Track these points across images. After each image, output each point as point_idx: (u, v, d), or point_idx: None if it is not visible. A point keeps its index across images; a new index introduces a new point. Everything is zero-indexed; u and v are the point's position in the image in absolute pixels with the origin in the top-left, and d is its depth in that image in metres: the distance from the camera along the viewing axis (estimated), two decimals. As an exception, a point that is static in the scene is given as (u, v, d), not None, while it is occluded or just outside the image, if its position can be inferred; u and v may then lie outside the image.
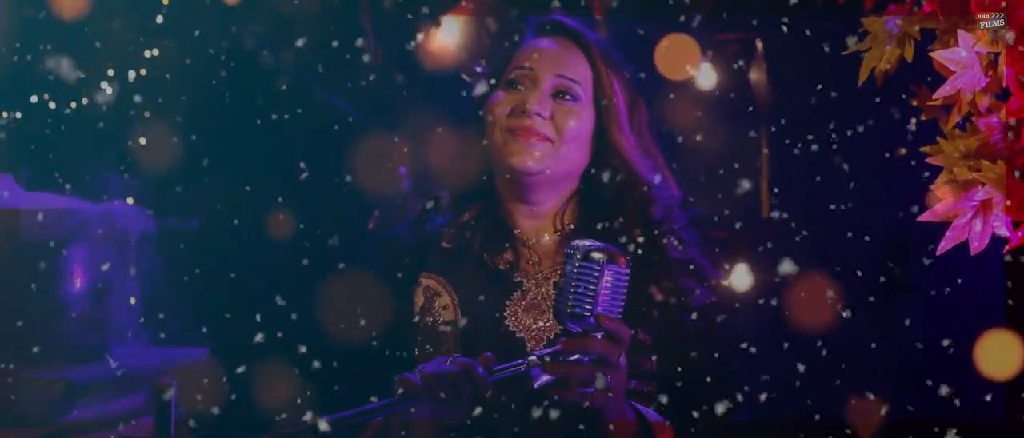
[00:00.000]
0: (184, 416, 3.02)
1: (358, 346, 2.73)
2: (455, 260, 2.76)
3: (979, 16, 2.24)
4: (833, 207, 3.59)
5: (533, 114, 2.69)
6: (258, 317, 3.49)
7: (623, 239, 2.70)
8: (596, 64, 2.76)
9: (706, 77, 4.05)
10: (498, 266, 2.75)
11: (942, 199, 2.27)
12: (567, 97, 2.73)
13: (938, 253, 2.25)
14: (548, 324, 2.69)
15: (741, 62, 3.95)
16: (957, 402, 3.16)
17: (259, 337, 3.19)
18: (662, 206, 2.75)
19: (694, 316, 2.70)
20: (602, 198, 2.76)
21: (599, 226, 2.72)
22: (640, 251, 2.71)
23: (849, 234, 3.55)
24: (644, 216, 2.74)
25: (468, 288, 2.73)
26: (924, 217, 2.24)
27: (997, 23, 2.22)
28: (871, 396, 3.47)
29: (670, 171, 2.81)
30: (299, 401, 3.25)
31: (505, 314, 2.72)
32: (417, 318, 2.73)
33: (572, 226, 2.78)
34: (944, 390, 3.19)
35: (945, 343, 3.27)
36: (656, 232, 2.73)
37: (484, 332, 2.69)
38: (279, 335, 3.22)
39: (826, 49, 2.95)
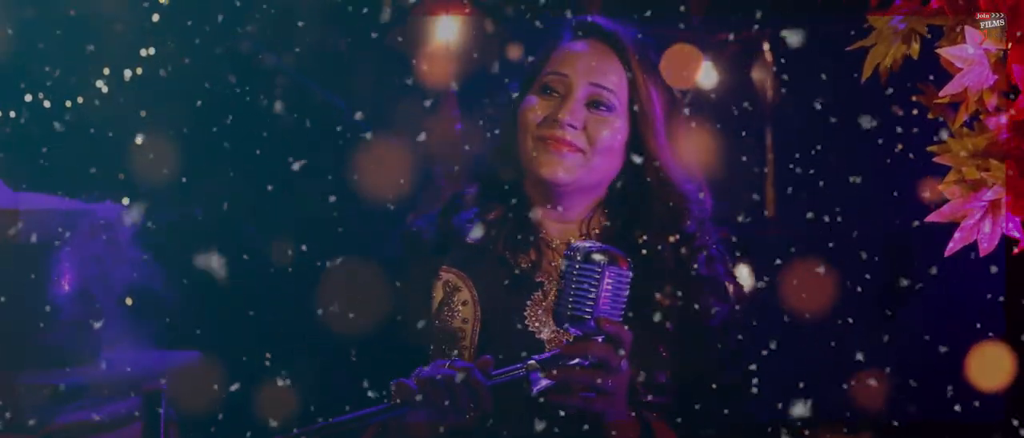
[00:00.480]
0: (176, 421, 2.99)
1: (373, 340, 2.72)
2: (477, 256, 2.74)
3: (980, 16, 2.21)
4: (837, 207, 3.57)
5: (565, 125, 2.67)
6: (257, 317, 3.48)
7: (652, 250, 2.68)
8: (633, 70, 2.72)
9: (708, 77, 4.02)
10: (520, 265, 2.73)
11: (940, 189, 2.25)
12: (601, 107, 2.70)
13: (947, 255, 2.23)
14: None
15: (744, 62, 3.93)
16: (958, 403, 3.14)
17: (268, 353, 3.18)
18: (696, 219, 2.72)
19: (711, 334, 2.68)
20: (633, 207, 2.73)
21: (628, 235, 2.70)
22: (667, 264, 2.69)
23: (853, 234, 3.53)
24: (676, 228, 2.71)
25: (489, 285, 2.72)
26: (932, 218, 2.22)
27: (998, 22, 2.20)
28: (872, 396, 3.46)
29: (706, 182, 2.78)
30: (297, 404, 3.23)
31: (525, 314, 2.70)
32: (435, 312, 2.72)
33: (598, 232, 2.76)
34: (945, 390, 3.17)
35: (946, 343, 3.25)
36: (686, 246, 2.71)
37: (502, 330, 2.68)
38: (270, 354, 3.21)
39: (831, 47, 2.93)
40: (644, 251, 2.67)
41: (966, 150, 2.23)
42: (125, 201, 3.43)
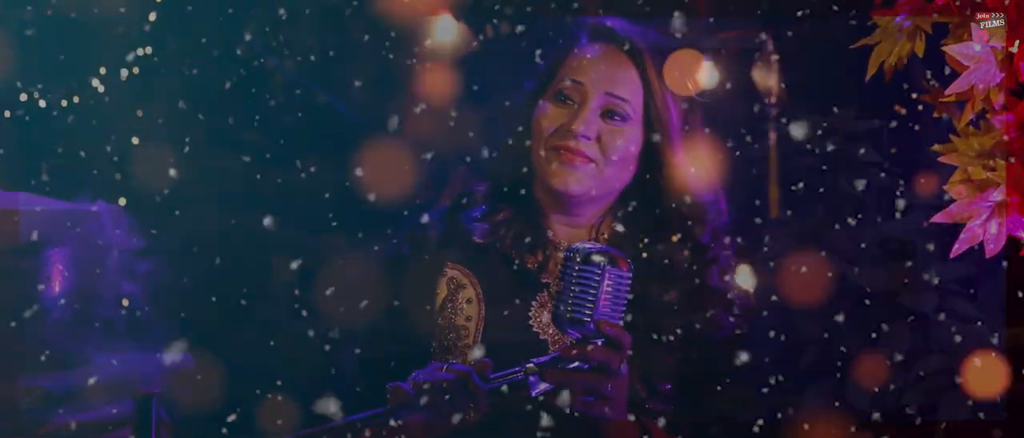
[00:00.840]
0: (169, 423, 2.96)
1: (375, 336, 2.71)
2: (484, 254, 2.73)
3: (980, 16, 2.19)
4: (841, 208, 3.55)
5: (579, 136, 2.65)
6: (255, 317, 3.45)
7: (662, 258, 2.67)
8: (648, 77, 2.70)
9: (710, 77, 3.99)
10: (527, 265, 2.72)
11: (946, 189, 2.23)
12: (616, 117, 2.68)
13: (952, 256, 2.20)
14: None
15: (747, 61, 3.90)
16: (958, 401, 3.13)
17: (266, 353, 3.16)
18: (710, 230, 2.70)
19: (717, 344, 2.67)
20: (645, 214, 2.72)
21: (638, 241, 2.69)
22: (677, 273, 2.67)
23: (857, 236, 3.50)
24: (689, 238, 2.69)
25: (494, 283, 2.71)
26: (937, 218, 2.19)
27: (998, 22, 2.17)
28: (872, 395, 3.44)
29: (723, 192, 2.75)
30: (295, 406, 3.20)
31: (529, 314, 2.69)
32: (438, 309, 2.71)
33: (607, 237, 2.74)
34: (945, 390, 3.16)
35: (948, 343, 3.23)
36: (699, 257, 2.68)
37: (506, 329, 2.67)
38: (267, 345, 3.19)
39: (836, 46, 2.91)
40: (654, 259, 2.65)
41: (972, 150, 2.20)
42: (121, 201, 3.41)
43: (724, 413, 2.65)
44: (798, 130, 3.31)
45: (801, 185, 3.68)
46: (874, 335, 3.43)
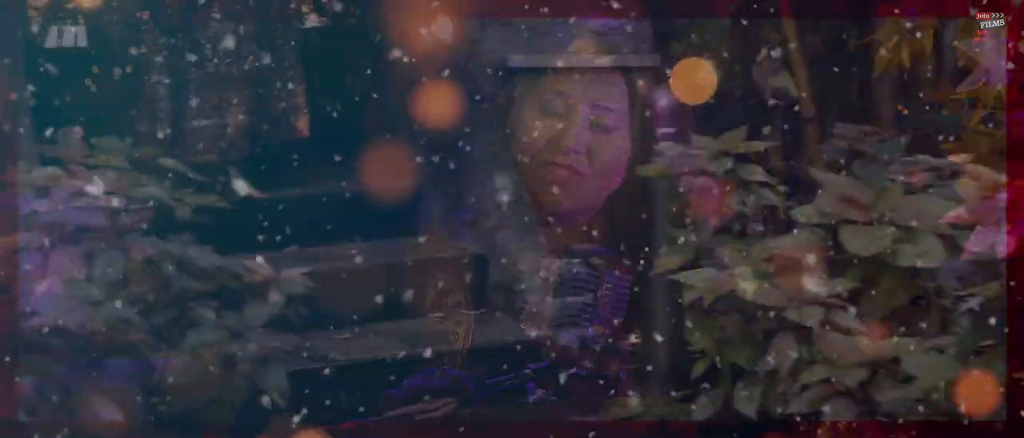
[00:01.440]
0: (158, 426, 2.95)
1: (369, 340, 2.71)
2: (476, 257, 2.75)
3: (980, 16, 2.17)
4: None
5: (569, 151, 2.68)
6: (248, 318, 3.43)
7: (658, 261, 2.63)
8: (636, 81, 2.72)
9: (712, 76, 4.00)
10: (521, 268, 2.74)
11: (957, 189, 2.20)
12: (604, 127, 2.67)
13: (964, 257, 2.17)
14: None
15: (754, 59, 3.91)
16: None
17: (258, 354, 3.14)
18: (707, 231, 2.68)
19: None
20: (637, 215, 2.71)
21: (633, 243, 2.66)
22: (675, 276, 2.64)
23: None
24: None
25: (487, 286, 2.73)
26: (948, 218, 2.16)
27: (997, 22, 2.16)
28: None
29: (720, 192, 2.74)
30: (287, 410, 3.19)
31: (522, 316, 2.71)
32: (431, 313, 2.72)
33: (599, 236, 2.76)
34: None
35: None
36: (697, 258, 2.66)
37: (500, 333, 2.69)
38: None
39: (843, 43, 2.89)
40: (648, 261, 2.63)
41: (984, 148, 2.18)
42: (117, 202, 3.39)
43: (720, 415, 2.63)
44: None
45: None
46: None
